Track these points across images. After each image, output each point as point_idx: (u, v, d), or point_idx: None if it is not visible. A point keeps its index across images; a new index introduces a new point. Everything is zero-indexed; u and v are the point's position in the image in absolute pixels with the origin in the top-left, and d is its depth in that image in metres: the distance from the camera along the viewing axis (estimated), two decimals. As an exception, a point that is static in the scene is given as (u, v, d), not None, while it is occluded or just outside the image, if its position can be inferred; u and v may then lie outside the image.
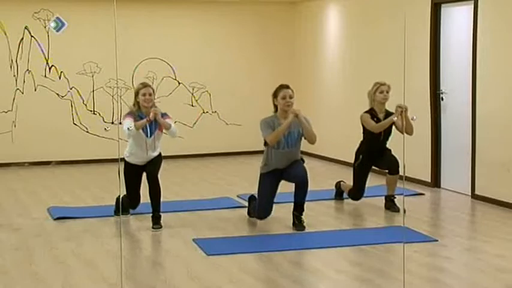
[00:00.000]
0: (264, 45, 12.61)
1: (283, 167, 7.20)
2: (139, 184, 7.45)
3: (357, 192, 8.10)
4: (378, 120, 7.85)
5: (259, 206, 7.29)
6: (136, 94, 7.31)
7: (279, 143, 7.10)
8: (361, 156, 7.99)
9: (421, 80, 9.21)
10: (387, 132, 7.91)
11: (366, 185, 8.08)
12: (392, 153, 7.95)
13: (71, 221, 7.57)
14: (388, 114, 7.87)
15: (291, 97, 7.12)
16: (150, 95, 7.27)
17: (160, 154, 7.45)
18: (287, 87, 7.17)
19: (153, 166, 7.34)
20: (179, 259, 6.15)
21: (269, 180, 7.26)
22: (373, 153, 7.96)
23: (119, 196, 7.53)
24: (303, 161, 7.30)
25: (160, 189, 7.28)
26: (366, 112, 7.89)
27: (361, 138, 8.04)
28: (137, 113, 7.28)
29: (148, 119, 7.15)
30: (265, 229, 7.21)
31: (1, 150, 11.44)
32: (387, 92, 7.84)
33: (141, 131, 7.20)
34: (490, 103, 8.19)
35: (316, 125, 7.45)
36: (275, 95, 7.17)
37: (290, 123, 7.02)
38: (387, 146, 8.01)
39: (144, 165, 7.38)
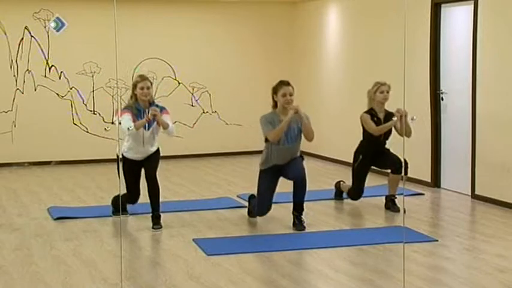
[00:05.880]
0: (264, 45, 12.61)
1: (283, 163, 7.19)
2: (138, 179, 7.40)
3: (356, 192, 8.10)
4: (378, 120, 7.85)
5: (259, 202, 7.30)
6: (134, 87, 7.26)
7: (279, 139, 7.09)
8: (360, 157, 7.98)
9: (421, 80, 9.21)
10: (387, 132, 7.91)
11: (366, 185, 8.09)
12: (392, 151, 7.96)
13: (71, 221, 7.56)
14: (387, 114, 7.87)
15: (291, 94, 7.10)
16: (148, 88, 7.22)
17: (158, 150, 7.41)
18: (287, 84, 7.14)
19: (150, 164, 7.30)
20: (179, 259, 6.15)
21: (268, 177, 7.26)
22: (373, 154, 7.97)
23: (118, 196, 7.53)
24: (302, 158, 7.31)
25: (159, 188, 7.26)
26: (366, 112, 7.89)
27: (361, 138, 8.05)
28: (134, 105, 7.25)
29: (147, 118, 7.13)
30: (265, 229, 7.21)
31: (1, 150, 11.44)
32: (387, 92, 7.85)
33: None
34: (490, 103, 8.19)
35: (316, 125, 7.46)
36: (275, 91, 7.16)
37: (290, 120, 7.03)
38: (386, 146, 8.01)
39: (143, 160, 7.35)
